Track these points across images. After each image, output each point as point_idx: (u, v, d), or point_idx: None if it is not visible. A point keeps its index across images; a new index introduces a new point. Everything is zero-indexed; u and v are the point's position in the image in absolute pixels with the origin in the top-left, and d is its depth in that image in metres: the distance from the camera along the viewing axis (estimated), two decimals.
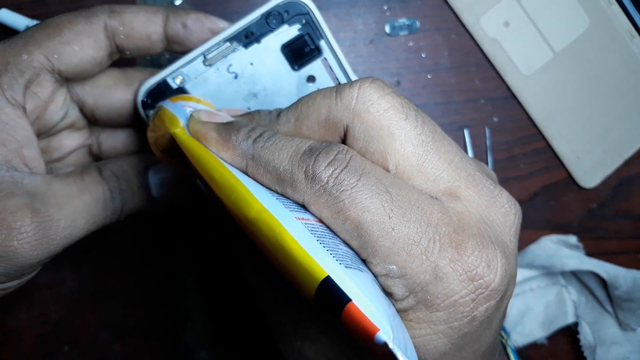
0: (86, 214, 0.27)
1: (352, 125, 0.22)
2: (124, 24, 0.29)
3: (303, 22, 0.31)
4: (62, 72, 0.29)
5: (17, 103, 0.27)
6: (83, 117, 0.32)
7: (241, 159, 0.23)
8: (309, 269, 0.19)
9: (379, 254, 0.20)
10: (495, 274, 0.21)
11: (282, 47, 0.31)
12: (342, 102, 0.22)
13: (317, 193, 0.21)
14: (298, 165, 0.21)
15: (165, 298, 0.43)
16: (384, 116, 0.22)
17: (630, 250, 0.44)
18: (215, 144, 0.24)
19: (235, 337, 0.43)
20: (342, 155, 0.21)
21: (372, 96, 0.22)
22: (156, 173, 0.30)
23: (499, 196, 0.23)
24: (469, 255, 0.20)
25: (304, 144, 0.22)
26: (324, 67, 0.32)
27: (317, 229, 0.21)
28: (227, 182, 0.22)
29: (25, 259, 0.26)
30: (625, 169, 0.43)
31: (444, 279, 0.20)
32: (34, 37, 0.28)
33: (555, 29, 0.41)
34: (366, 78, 0.22)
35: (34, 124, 0.29)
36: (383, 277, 0.21)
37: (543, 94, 0.42)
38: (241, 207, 0.21)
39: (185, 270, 0.43)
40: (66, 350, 0.43)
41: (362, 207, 0.20)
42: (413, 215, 0.21)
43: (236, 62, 0.31)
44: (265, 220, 0.20)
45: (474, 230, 0.21)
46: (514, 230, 0.23)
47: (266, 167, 0.22)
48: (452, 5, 0.41)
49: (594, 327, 0.43)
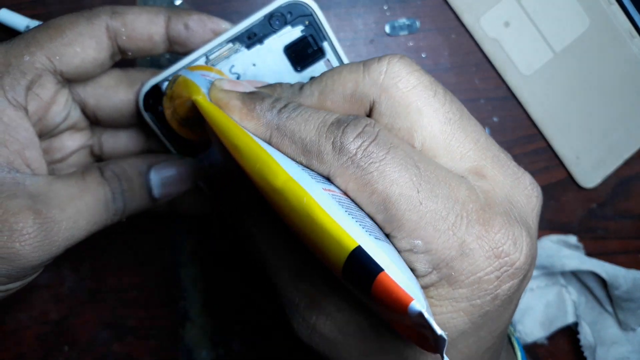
0: (88, 215, 0.27)
1: (379, 101, 0.22)
2: (126, 25, 0.29)
3: (306, 23, 0.31)
4: (64, 73, 0.29)
5: (19, 104, 0.27)
6: (85, 118, 0.32)
7: (265, 128, 0.23)
8: (338, 238, 0.18)
9: (405, 228, 0.20)
10: (520, 252, 0.21)
11: (284, 48, 0.31)
12: (369, 76, 0.22)
13: (344, 165, 0.21)
14: (325, 136, 0.21)
15: (165, 298, 0.43)
16: (413, 92, 0.22)
17: (630, 250, 0.44)
18: (239, 112, 0.23)
19: (235, 337, 0.43)
20: (370, 128, 0.21)
21: (400, 72, 0.22)
22: (158, 173, 0.30)
23: (522, 178, 0.23)
24: (496, 233, 0.20)
25: (331, 116, 0.22)
26: (327, 68, 0.32)
27: (344, 201, 0.20)
28: (252, 151, 0.21)
29: (27, 260, 0.26)
30: (626, 169, 0.43)
31: (470, 255, 0.20)
32: (35, 38, 0.28)
33: (555, 29, 0.41)
34: (394, 54, 0.22)
35: (36, 125, 0.29)
36: (407, 253, 0.20)
37: (543, 94, 0.42)
38: (267, 176, 0.20)
39: (184, 270, 0.43)
40: (66, 350, 0.43)
41: (391, 179, 0.20)
42: (441, 190, 0.20)
43: (238, 63, 0.31)
44: (293, 189, 0.20)
45: (500, 209, 0.21)
46: (536, 213, 0.23)
47: (292, 137, 0.22)
48: (452, 5, 0.41)
49: (594, 327, 0.43)
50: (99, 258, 0.43)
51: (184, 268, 0.43)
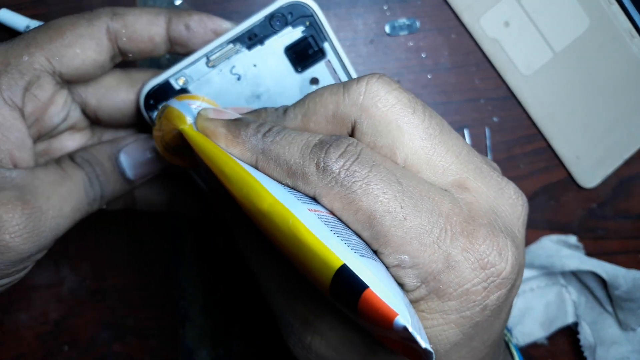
0: (71, 201, 0.28)
1: (360, 120, 0.23)
2: (127, 26, 0.29)
3: (307, 24, 0.31)
4: (63, 74, 0.29)
5: (14, 104, 0.27)
6: (85, 118, 0.32)
7: (251, 153, 0.23)
8: (324, 258, 0.19)
9: (391, 244, 0.20)
10: (506, 262, 0.21)
11: (285, 49, 0.31)
12: (349, 97, 0.23)
13: (328, 185, 0.21)
14: (309, 157, 0.22)
15: (165, 298, 0.43)
16: (392, 111, 0.22)
17: (630, 250, 0.44)
18: (225, 139, 0.24)
19: (235, 337, 0.43)
20: (352, 147, 0.21)
21: (379, 91, 0.22)
22: (128, 154, 0.30)
23: (506, 188, 0.23)
24: (480, 244, 0.21)
25: (314, 138, 0.22)
26: (328, 69, 0.32)
27: (330, 220, 0.21)
28: (238, 176, 0.22)
29: (17, 252, 0.26)
30: (625, 168, 0.43)
31: (456, 267, 0.20)
32: (35, 39, 0.28)
33: (555, 29, 0.41)
34: (373, 74, 0.23)
35: (34, 125, 0.29)
36: (394, 268, 0.21)
37: (543, 94, 0.42)
38: (253, 200, 0.21)
39: (184, 270, 0.43)
40: (66, 350, 0.43)
41: (374, 197, 0.21)
42: (424, 205, 0.21)
43: (239, 63, 0.31)
44: (279, 211, 0.20)
45: (484, 220, 0.21)
46: (522, 221, 0.23)
47: (277, 160, 0.22)
48: (452, 5, 0.41)
49: (594, 327, 0.43)
50: (99, 258, 0.43)
51: (184, 268, 0.43)
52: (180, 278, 0.43)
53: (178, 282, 0.43)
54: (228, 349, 0.43)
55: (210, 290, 0.43)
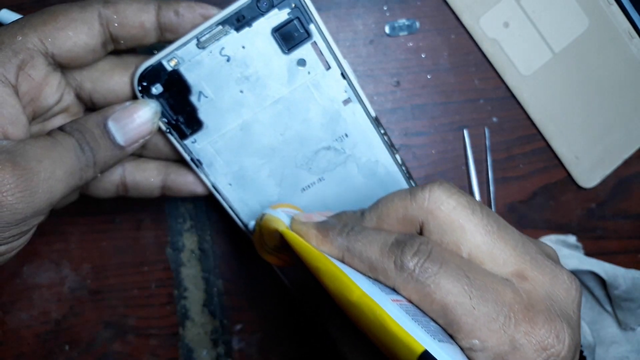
0: (62, 164, 0.28)
1: (427, 221, 0.26)
2: (118, 12, 0.31)
3: (292, 6, 0.32)
4: (55, 55, 0.30)
5: (7, 81, 0.28)
6: (79, 103, 0.33)
7: (338, 250, 0.27)
8: (408, 344, 0.22)
9: (463, 330, 0.23)
10: (563, 344, 0.24)
11: (272, 30, 0.32)
12: (416, 202, 0.26)
13: (405, 280, 0.24)
14: (388, 256, 0.25)
15: (165, 298, 0.43)
16: (454, 212, 0.25)
17: (630, 250, 0.44)
18: (316, 239, 0.28)
19: (235, 337, 0.43)
20: (424, 246, 0.25)
21: (441, 196, 0.26)
22: (115, 121, 0.31)
23: (560, 274, 0.26)
24: (540, 329, 0.24)
25: (390, 237, 0.26)
26: (314, 50, 0.33)
27: (410, 309, 0.24)
28: (330, 271, 0.25)
29: (11, 212, 0.26)
30: (625, 169, 0.43)
31: (521, 349, 0.23)
32: (29, 21, 0.29)
33: (554, 29, 0.41)
34: (434, 181, 0.26)
35: (29, 105, 0.30)
36: (468, 351, 0.24)
37: (542, 94, 0.42)
38: (344, 292, 0.24)
39: (184, 270, 0.43)
40: (67, 349, 0.43)
41: (446, 290, 0.24)
42: (490, 295, 0.24)
43: (228, 45, 0.32)
44: (366, 303, 0.23)
45: (542, 307, 0.24)
46: (577, 304, 0.26)
47: (360, 257, 0.26)
48: (451, 6, 0.41)
49: (593, 327, 0.43)
50: (99, 258, 0.43)
51: (184, 268, 0.43)
52: (180, 278, 0.43)
53: (178, 282, 0.43)
54: (228, 348, 0.43)
55: (210, 290, 0.43)
